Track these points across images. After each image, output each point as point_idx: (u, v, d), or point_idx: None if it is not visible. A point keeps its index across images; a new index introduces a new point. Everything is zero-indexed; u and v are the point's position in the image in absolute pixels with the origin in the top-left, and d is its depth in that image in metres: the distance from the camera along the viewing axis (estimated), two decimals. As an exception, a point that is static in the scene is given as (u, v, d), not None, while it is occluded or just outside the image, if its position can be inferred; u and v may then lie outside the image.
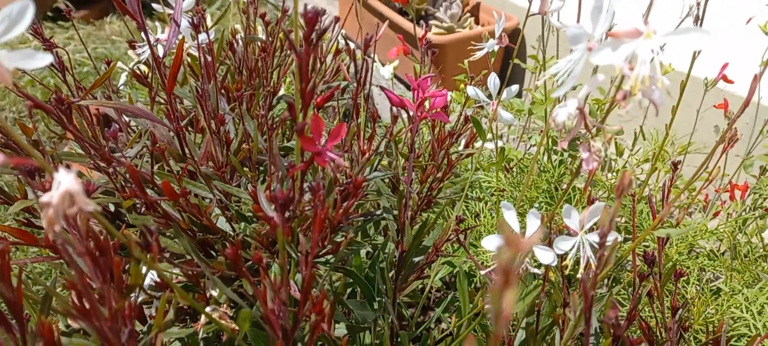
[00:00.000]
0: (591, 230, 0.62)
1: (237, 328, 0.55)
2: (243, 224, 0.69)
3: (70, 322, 0.57)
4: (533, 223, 0.63)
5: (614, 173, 1.01)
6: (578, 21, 1.01)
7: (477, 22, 2.42)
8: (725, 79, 1.01)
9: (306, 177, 0.55)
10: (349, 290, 0.77)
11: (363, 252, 0.69)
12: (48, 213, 0.40)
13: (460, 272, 0.73)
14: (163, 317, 0.50)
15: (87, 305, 0.42)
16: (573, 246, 0.61)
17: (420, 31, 2.23)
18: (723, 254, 1.03)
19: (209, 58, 0.89)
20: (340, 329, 0.64)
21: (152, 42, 0.80)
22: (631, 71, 0.46)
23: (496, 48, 0.90)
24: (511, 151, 1.03)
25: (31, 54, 0.36)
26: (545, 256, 0.61)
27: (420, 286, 0.88)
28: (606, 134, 0.55)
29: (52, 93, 0.63)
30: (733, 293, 0.87)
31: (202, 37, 0.83)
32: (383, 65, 1.81)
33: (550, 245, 0.62)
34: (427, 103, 0.75)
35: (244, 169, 0.70)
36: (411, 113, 0.73)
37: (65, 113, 0.57)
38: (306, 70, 0.47)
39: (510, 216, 0.64)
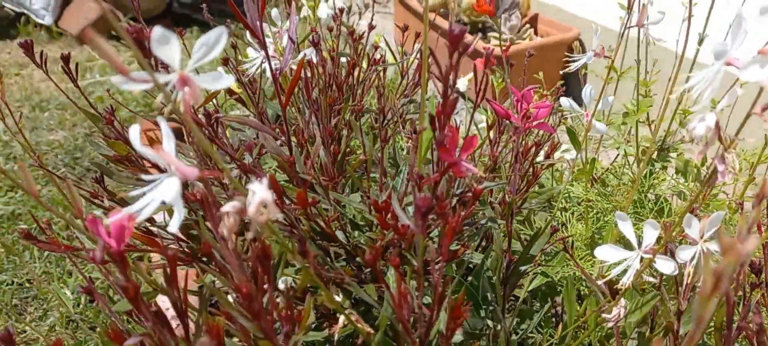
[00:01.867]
0: (710, 239, 0.62)
1: (372, 331, 0.57)
2: (356, 232, 0.72)
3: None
4: (651, 233, 0.64)
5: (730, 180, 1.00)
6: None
7: (536, 33, 2.41)
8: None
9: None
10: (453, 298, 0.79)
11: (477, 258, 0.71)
12: (228, 221, 0.43)
13: (567, 281, 0.74)
14: (306, 320, 0.53)
15: (252, 306, 0.45)
16: (694, 255, 0.61)
17: (481, 44, 2.24)
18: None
19: (308, 74, 0.93)
20: (457, 337, 0.66)
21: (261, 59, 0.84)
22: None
23: (590, 59, 0.91)
24: (596, 161, 1.04)
25: (218, 76, 0.39)
26: (666, 266, 0.62)
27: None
28: (728, 144, 0.56)
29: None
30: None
31: (309, 52, 0.86)
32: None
33: (671, 255, 0.62)
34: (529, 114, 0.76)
35: (361, 179, 0.72)
36: (515, 124, 0.74)
37: (213, 127, 0.60)
38: (447, 90, 0.49)
39: (626, 227, 0.65)
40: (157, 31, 0.34)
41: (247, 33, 0.73)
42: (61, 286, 1.65)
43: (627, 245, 0.65)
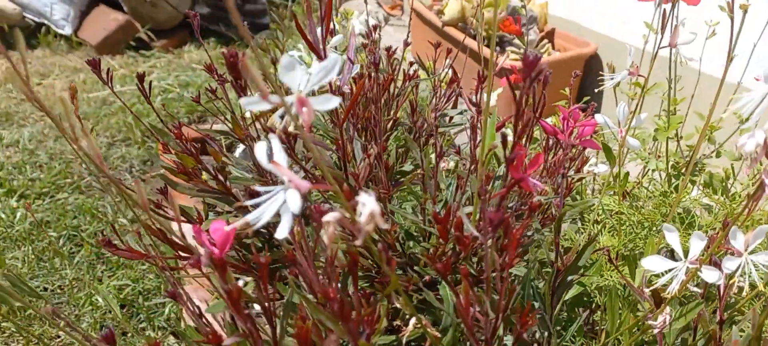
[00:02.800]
0: (754, 251, 0.65)
1: (439, 335, 0.60)
2: (411, 242, 0.75)
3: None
4: (697, 245, 0.67)
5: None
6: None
7: (554, 48, 2.46)
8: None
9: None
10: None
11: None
12: (329, 230, 0.46)
13: (611, 291, 0.78)
14: (381, 323, 0.56)
15: (343, 310, 0.49)
16: (739, 266, 0.65)
17: (500, 58, 2.27)
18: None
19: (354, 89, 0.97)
20: (509, 339, 0.69)
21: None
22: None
23: (626, 78, 0.95)
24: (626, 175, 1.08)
25: (328, 98, 0.43)
26: (711, 275, 0.66)
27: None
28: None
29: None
30: None
31: (355, 68, 0.90)
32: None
33: (716, 266, 0.66)
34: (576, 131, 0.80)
35: (416, 190, 0.76)
36: (562, 140, 0.78)
37: (290, 141, 0.65)
38: (519, 110, 0.53)
39: (672, 238, 0.69)
40: (285, 60, 0.38)
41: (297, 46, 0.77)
42: (92, 293, 1.69)
43: (672, 255, 0.69)
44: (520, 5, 2.46)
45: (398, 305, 0.67)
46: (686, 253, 0.68)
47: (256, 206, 0.43)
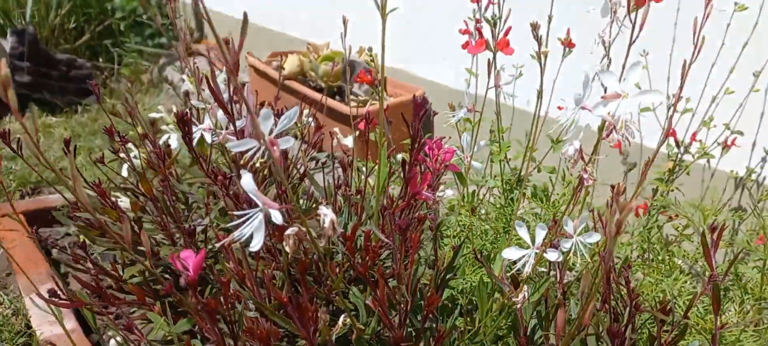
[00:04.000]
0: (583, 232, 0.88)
1: (363, 327, 0.74)
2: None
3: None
4: (541, 233, 0.88)
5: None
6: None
7: (387, 94, 2.72)
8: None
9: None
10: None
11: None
12: (290, 243, 0.58)
13: (479, 283, 0.97)
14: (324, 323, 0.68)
15: (303, 314, 0.61)
16: (572, 246, 0.87)
17: (343, 106, 2.46)
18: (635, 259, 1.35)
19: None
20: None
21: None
22: (612, 119, 0.73)
23: (465, 114, 1.17)
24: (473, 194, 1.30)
25: (288, 140, 0.56)
26: (553, 255, 0.87)
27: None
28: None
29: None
30: (656, 283, 1.18)
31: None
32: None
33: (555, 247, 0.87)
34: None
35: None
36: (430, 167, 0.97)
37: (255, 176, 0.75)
38: (414, 147, 0.69)
39: (523, 232, 0.89)
40: (265, 112, 0.51)
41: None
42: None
43: (523, 246, 0.89)
44: (355, 59, 2.70)
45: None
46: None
47: (233, 229, 0.54)
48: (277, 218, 0.52)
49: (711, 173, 1.70)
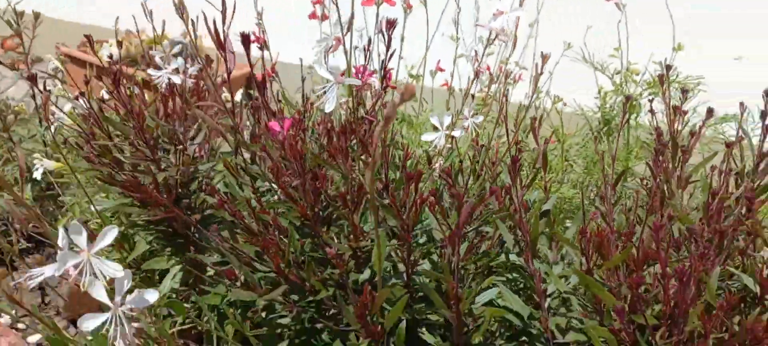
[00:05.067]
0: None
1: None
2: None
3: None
4: (446, 119, 1.26)
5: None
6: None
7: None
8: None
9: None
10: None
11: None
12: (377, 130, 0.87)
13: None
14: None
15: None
16: (468, 124, 1.26)
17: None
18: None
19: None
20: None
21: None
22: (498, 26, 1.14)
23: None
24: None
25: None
26: (457, 133, 1.25)
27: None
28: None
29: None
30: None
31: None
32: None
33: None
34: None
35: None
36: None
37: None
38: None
39: (435, 119, 1.26)
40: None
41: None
42: None
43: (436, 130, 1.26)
44: (180, 40, 2.83)
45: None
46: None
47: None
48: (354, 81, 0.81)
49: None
